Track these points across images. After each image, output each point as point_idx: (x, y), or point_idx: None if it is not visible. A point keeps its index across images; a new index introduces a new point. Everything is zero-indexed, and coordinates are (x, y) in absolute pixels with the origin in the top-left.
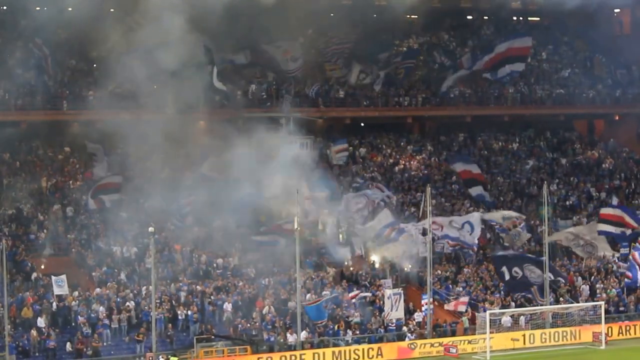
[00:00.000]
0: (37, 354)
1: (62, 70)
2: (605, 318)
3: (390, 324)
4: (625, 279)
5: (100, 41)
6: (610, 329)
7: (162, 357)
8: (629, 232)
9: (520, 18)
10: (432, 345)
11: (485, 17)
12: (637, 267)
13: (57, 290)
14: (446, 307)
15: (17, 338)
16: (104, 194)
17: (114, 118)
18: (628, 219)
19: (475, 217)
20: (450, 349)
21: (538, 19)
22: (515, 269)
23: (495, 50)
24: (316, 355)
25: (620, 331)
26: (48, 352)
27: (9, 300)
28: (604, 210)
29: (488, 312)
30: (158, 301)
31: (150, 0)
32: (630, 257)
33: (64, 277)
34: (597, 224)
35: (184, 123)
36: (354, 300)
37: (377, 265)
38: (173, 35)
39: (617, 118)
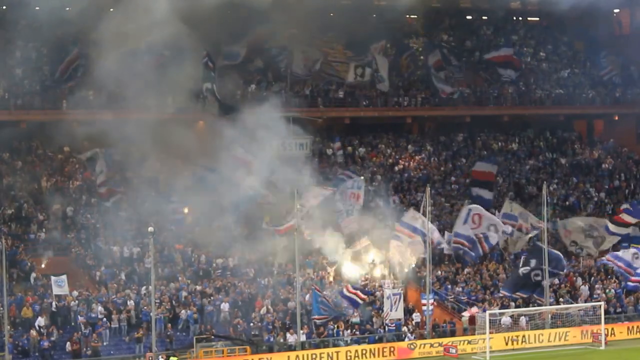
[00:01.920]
0: (36, 354)
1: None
2: (605, 318)
3: (389, 324)
4: (628, 283)
5: (98, 41)
6: (609, 330)
7: (162, 357)
8: (626, 231)
9: (520, 18)
10: (431, 345)
11: (485, 17)
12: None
13: (56, 291)
14: (463, 316)
15: (16, 338)
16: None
17: (112, 118)
18: (627, 217)
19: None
20: (450, 349)
21: (537, 19)
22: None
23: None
24: (316, 356)
25: (620, 331)
26: (44, 352)
27: (9, 300)
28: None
29: (488, 312)
30: (158, 301)
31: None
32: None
33: (64, 277)
34: (610, 224)
35: (182, 122)
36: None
37: (376, 265)
38: (172, 35)
39: (616, 118)
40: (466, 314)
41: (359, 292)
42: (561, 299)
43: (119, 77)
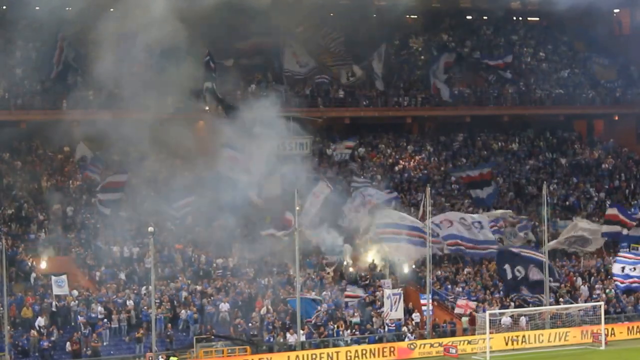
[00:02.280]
0: (36, 354)
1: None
2: (605, 318)
3: (389, 324)
4: (617, 283)
5: (98, 41)
6: (609, 330)
7: (162, 357)
8: (625, 231)
9: (520, 18)
10: (431, 345)
11: (485, 17)
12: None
13: (57, 291)
14: (457, 310)
15: (16, 338)
16: (106, 193)
17: (112, 118)
18: (623, 217)
19: (484, 218)
20: (450, 349)
21: (537, 19)
22: (519, 267)
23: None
24: (315, 356)
25: (620, 331)
26: (44, 352)
27: (9, 300)
28: (608, 212)
29: (488, 312)
30: (158, 301)
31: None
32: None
33: (64, 277)
34: (602, 226)
35: (182, 122)
36: (349, 301)
37: (376, 265)
38: (171, 35)
39: (616, 118)
40: (459, 310)
41: (358, 293)
42: (561, 299)
43: (118, 77)
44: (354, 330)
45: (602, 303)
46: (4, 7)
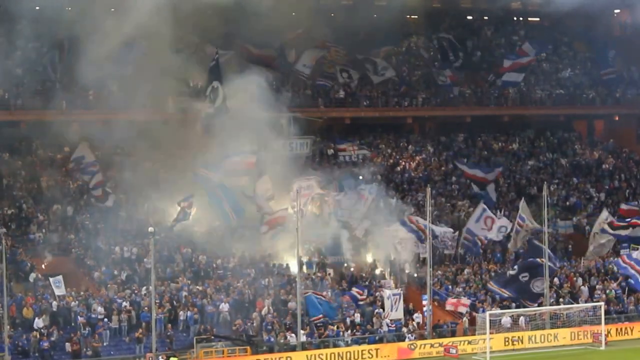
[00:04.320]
0: (36, 354)
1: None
2: (605, 319)
3: (390, 325)
4: (629, 280)
5: (98, 41)
6: (609, 330)
7: (162, 358)
8: (625, 232)
9: (520, 18)
10: (432, 345)
11: (485, 18)
12: (630, 270)
13: (56, 291)
14: (447, 307)
15: (16, 338)
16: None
17: (113, 118)
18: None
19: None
20: (450, 349)
21: (538, 19)
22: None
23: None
24: (315, 356)
25: (619, 332)
26: (44, 352)
27: (9, 301)
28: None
29: (488, 312)
30: (158, 301)
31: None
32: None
33: (60, 277)
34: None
35: (184, 123)
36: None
37: (377, 266)
38: (172, 34)
39: (616, 118)
40: (450, 307)
41: (359, 290)
42: (561, 299)
43: (119, 77)
44: (354, 331)
45: (602, 303)
46: (4, 7)
